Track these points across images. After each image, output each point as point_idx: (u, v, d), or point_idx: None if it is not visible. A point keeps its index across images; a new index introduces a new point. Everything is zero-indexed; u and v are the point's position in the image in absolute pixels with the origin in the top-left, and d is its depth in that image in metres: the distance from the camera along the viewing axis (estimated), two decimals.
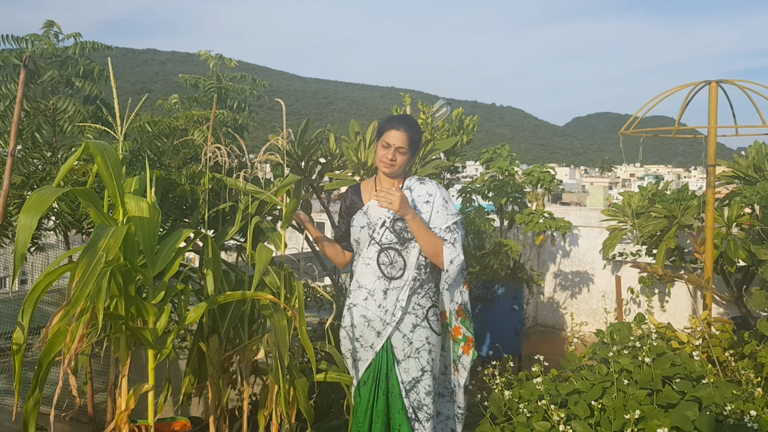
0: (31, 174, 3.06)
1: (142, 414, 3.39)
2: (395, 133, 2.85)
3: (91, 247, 2.12)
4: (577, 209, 8.16)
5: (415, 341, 2.80)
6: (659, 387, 2.89)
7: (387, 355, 2.82)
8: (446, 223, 2.84)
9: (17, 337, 2.20)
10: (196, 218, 3.15)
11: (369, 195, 3.01)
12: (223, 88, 3.73)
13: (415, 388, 2.78)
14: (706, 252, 4.13)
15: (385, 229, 2.87)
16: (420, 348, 2.80)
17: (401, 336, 2.81)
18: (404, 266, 2.84)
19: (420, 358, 2.79)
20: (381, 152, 2.90)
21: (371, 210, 2.95)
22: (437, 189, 2.91)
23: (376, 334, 2.83)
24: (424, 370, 2.79)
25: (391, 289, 2.82)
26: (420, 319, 2.81)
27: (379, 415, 2.81)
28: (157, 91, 27.93)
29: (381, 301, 2.83)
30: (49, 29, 3.23)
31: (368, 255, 2.90)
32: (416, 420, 2.76)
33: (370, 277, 2.86)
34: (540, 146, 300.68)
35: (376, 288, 2.84)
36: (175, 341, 2.70)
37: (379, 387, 2.82)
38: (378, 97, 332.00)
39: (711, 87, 4.15)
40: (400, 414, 2.77)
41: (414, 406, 2.77)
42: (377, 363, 2.84)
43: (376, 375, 2.83)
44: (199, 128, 3.30)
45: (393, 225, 2.86)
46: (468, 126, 5.26)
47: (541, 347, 5.42)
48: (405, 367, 2.79)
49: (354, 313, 2.89)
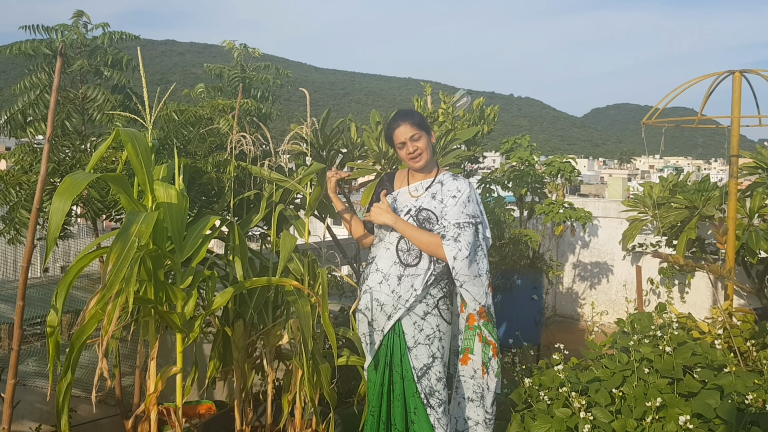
0: (61, 161, 3.12)
1: (167, 397, 3.46)
2: (400, 130, 2.88)
3: (124, 233, 2.17)
4: (595, 201, 8.14)
5: (426, 328, 2.82)
6: (680, 376, 2.90)
7: (399, 340, 2.85)
8: (457, 219, 2.83)
9: (51, 320, 2.26)
10: (221, 205, 3.21)
11: (401, 183, 3.05)
12: (247, 77, 3.77)
13: (427, 374, 2.80)
14: (728, 242, 4.11)
15: (408, 217, 2.89)
16: (431, 335, 2.82)
17: (412, 323, 2.83)
18: (420, 254, 2.86)
19: (431, 345, 2.82)
20: (402, 153, 2.93)
21: (400, 197, 2.99)
22: (468, 187, 2.91)
23: (387, 317, 2.87)
24: (435, 357, 2.81)
25: (406, 276, 2.84)
26: (431, 308, 2.83)
27: (398, 398, 2.84)
28: (177, 82, 28.38)
29: (395, 286, 2.85)
30: (78, 19, 3.28)
31: (390, 240, 2.93)
32: (429, 405, 2.79)
33: (388, 262, 2.89)
34: (558, 137, 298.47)
35: (391, 273, 2.87)
36: (201, 326, 2.75)
37: (394, 371, 2.85)
38: (395, 88, 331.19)
39: (735, 77, 4.12)
40: (415, 397, 2.81)
41: (426, 392, 2.80)
42: (389, 347, 2.87)
43: (388, 360, 2.86)
44: (225, 117, 3.34)
45: (417, 214, 2.88)
46: (489, 116, 5.25)
47: (560, 337, 5.43)
48: (416, 354, 2.82)
49: (368, 297, 2.93)
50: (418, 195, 2.95)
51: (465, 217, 2.84)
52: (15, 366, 2.23)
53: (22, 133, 3.19)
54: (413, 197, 2.95)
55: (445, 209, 2.86)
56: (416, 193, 2.96)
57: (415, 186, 2.98)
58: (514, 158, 5.72)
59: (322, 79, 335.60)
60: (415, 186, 2.98)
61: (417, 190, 2.97)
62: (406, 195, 2.97)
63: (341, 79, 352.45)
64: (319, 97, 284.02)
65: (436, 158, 4.29)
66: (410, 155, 2.90)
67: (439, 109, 4.97)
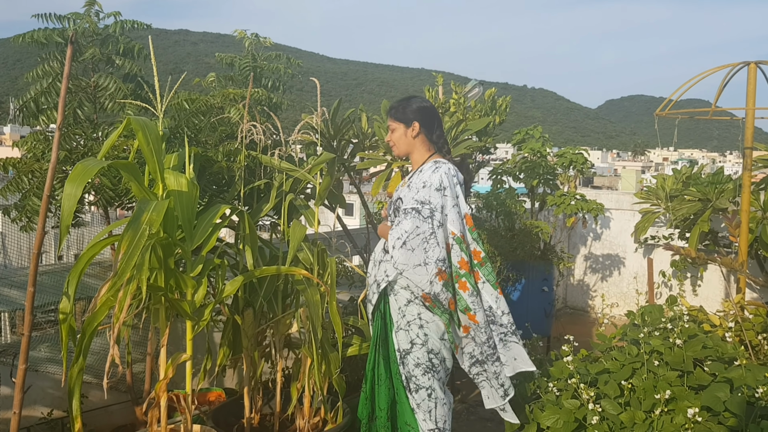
0: (73, 150, 3.14)
1: (177, 384, 3.49)
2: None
3: (135, 221, 2.19)
4: (608, 193, 8.09)
5: (408, 315, 2.82)
6: (690, 369, 2.89)
7: (384, 322, 2.88)
8: (405, 206, 2.81)
9: (64, 307, 2.28)
10: (231, 195, 3.22)
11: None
12: (258, 67, 3.77)
13: (405, 359, 2.82)
14: (741, 235, 4.08)
15: (391, 205, 2.98)
16: (411, 321, 2.81)
17: (397, 308, 2.85)
18: None
19: (410, 331, 2.81)
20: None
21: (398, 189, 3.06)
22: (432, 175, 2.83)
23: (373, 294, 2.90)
24: (414, 343, 2.80)
25: (384, 261, 2.86)
26: (414, 296, 2.81)
27: (382, 378, 2.87)
28: (189, 72, 28.42)
29: (373, 270, 2.90)
30: (90, 8, 3.29)
31: None
32: (407, 389, 2.82)
33: (379, 247, 2.95)
34: (572, 129, 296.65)
35: (376, 258, 2.92)
36: (211, 314, 2.77)
37: (378, 351, 2.89)
38: (408, 78, 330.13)
39: (750, 68, 4.08)
40: (396, 379, 2.84)
41: (406, 375, 2.82)
42: (377, 328, 2.90)
43: (376, 339, 2.90)
44: (235, 106, 3.35)
45: (395, 203, 2.93)
46: (500, 106, 5.23)
47: (571, 329, 5.41)
48: (398, 338, 2.84)
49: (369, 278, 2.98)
50: (403, 185, 2.97)
51: (413, 202, 2.79)
52: (26, 351, 2.25)
53: (35, 122, 3.21)
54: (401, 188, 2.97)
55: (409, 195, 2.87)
56: (403, 184, 2.99)
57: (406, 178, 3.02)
58: (525, 149, 5.69)
59: (335, 69, 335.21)
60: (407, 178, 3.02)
61: (405, 181, 3.00)
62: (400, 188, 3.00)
63: (354, 69, 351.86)
64: (332, 87, 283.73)
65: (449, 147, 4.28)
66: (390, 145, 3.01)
67: (450, 100, 4.95)
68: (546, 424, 2.87)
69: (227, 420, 3.22)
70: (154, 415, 2.73)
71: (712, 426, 2.52)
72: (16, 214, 3.11)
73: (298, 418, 3.18)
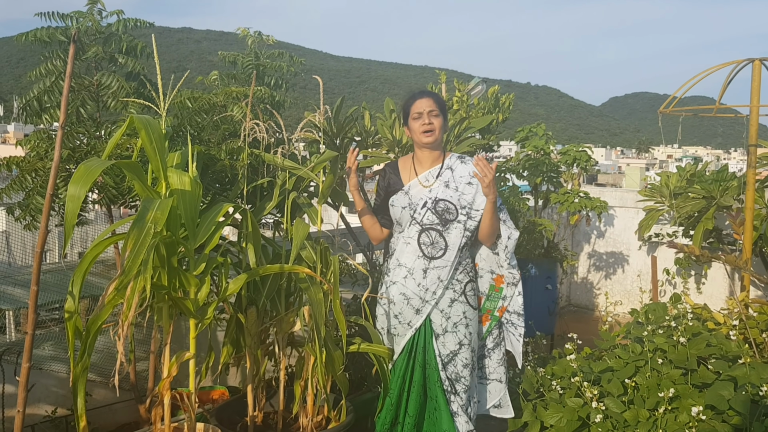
0: (76, 148, 3.14)
1: (181, 383, 3.50)
2: (421, 102, 2.85)
3: (141, 219, 2.19)
4: (612, 190, 8.07)
5: (453, 316, 2.84)
6: (694, 367, 2.88)
7: (425, 329, 2.87)
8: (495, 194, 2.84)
9: (69, 306, 2.28)
10: (234, 193, 3.22)
11: (408, 174, 3.00)
12: (261, 65, 3.77)
13: (453, 361, 2.83)
14: (745, 233, 4.07)
15: (426, 210, 2.87)
16: (458, 322, 2.84)
17: (439, 311, 2.85)
18: (445, 247, 2.84)
19: (458, 332, 2.84)
20: (415, 124, 2.87)
21: (412, 190, 2.94)
22: None
23: (414, 311, 2.86)
24: (462, 344, 2.84)
25: (432, 268, 2.83)
26: (458, 294, 2.84)
27: (415, 385, 2.88)
28: (193, 70, 28.40)
29: (420, 279, 2.84)
30: (93, 6, 3.30)
31: (409, 234, 2.91)
32: (453, 392, 2.82)
33: (410, 256, 2.88)
34: (576, 126, 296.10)
35: (415, 267, 2.85)
36: (214, 312, 2.77)
37: (415, 360, 2.88)
38: (411, 76, 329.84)
39: (754, 65, 4.06)
40: (436, 386, 2.84)
41: (452, 378, 2.83)
42: (413, 337, 2.89)
43: (411, 348, 2.89)
44: (238, 104, 3.35)
45: (435, 206, 2.85)
46: (504, 104, 5.22)
47: (574, 327, 5.40)
48: (443, 341, 2.84)
49: (393, 291, 2.92)
50: (429, 185, 2.91)
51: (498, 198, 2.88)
52: (29, 350, 2.26)
53: (38, 120, 3.22)
54: (425, 188, 2.91)
55: (463, 197, 2.85)
56: (427, 183, 2.92)
57: (424, 176, 2.94)
58: (529, 147, 5.69)
59: (338, 66, 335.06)
60: (425, 175, 2.94)
61: (427, 179, 2.93)
62: (418, 187, 2.93)
63: (357, 66, 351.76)
64: (335, 85, 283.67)
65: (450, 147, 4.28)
66: (424, 127, 2.84)
67: (453, 97, 4.95)
68: (549, 422, 2.86)
69: (231, 418, 3.23)
70: (158, 414, 2.73)
71: (716, 424, 2.52)
72: (19, 213, 3.11)
73: (301, 416, 3.18)
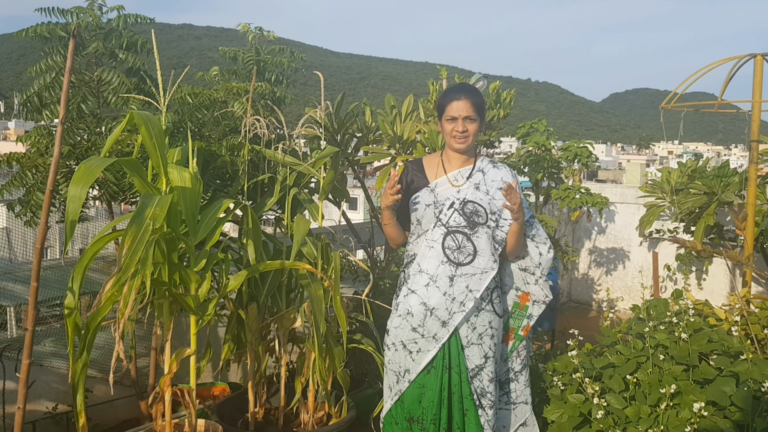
0: (77, 144, 3.14)
1: (182, 379, 3.50)
2: (457, 104, 2.62)
3: (139, 216, 2.18)
4: (613, 186, 8.06)
5: (479, 326, 2.62)
6: (695, 363, 2.88)
7: (456, 339, 2.63)
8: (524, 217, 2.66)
9: (69, 302, 2.28)
10: (235, 189, 3.21)
11: (435, 172, 2.76)
12: (262, 61, 3.76)
13: (479, 375, 2.62)
14: (747, 228, 4.06)
15: (453, 211, 2.65)
16: (483, 333, 2.62)
17: (466, 321, 2.62)
18: (474, 252, 2.61)
19: (483, 344, 2.63)
20: (448, 127, 2.65)
21: (439, 188, 2.71)
22: (512, 177, 2.73)
23: (441, 324, 2.58)
24: (487, 357, 2.63)
25: (459, 276, 2.58)
26: (485, 302, 2.63)
27: (458, 402, 2.63)
28: (193, 66, 28.15)
29: (446, 288, 2.58)
30: (93, 2, 3.29)
31: (432, 237, 2.65)
32: (480, 407, 2.61)
33: (434, 262, 2.61)
34: (576, 122, 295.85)
35: (439, 274, 2.60)
36: (215, 308, 2.77)
37: (453, 372, 2.62)
38: (411, 72, 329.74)
39: (756, 60, 4.05)
40: (468, 399, 2.61)
41: (478, 393, 2.61)
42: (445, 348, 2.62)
43: (447, 362, 2.62)
44: (239, 100, 3.34)
45: (463, 207, 2.65)
46: (505, 100, 5.21)
47: (575, 323, 5.39)
48: (468, 354, 2.62)
49: (412, 300, 2.62)
50: (459, 185, 2.70)
51: (528, 211, 2.74)
52: (29, 346, 2.25)
53: (39, 116, 3.21)
54: (454, 187, 2.69)
55: (494, 202, 2.67)
56: (456, 183, 2.71)
57: (454, 174, 2.72)
58: (530, 143, 5.68)
59: (339, 63, 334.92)
60: (454, 174, 2.72)
61: (457, 179, 2.71)
62: (447, 185, 2.70)
63: (357, 63, 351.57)
64: (335, 81, 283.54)
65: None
66: (457, 134, 2.63)
67: None
68: (551, 419, 2.86)
69: (232, 414, 3.23)
70: (159, 410, 2.73)
71: (718, 420, 2.51)
72: (20, 209, 3.11)
73: (302, 412, 3.18)
